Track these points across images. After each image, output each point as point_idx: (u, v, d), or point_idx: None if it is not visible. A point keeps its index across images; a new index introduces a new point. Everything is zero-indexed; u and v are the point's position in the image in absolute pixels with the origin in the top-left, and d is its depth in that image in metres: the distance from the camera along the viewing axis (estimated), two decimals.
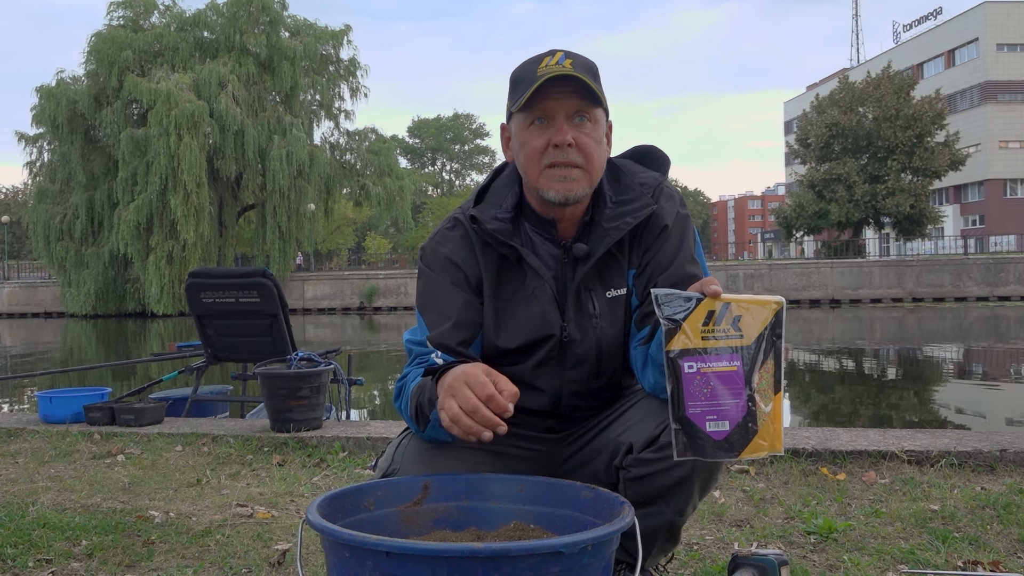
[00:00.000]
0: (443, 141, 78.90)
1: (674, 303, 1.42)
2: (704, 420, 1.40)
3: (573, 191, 1.62)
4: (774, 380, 1.41)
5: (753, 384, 1.40)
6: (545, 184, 1.63)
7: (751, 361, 1.40)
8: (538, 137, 1.62)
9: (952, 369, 13.49)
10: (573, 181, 1.62)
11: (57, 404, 4.57)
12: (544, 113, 1.61)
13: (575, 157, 1.61)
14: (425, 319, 1.70)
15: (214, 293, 5.40)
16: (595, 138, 1.63)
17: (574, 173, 1.62)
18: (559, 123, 1.60)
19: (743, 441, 1.40)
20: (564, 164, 1.61)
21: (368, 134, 38.93)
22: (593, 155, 1.63)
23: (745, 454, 1.40)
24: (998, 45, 52.85)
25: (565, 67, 1.59)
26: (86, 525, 2.55)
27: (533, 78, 1.60)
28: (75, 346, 21.74)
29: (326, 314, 33.41)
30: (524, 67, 1.65)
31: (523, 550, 1.11)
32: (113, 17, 35.08)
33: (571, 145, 1.60)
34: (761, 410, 1.40)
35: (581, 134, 1.61)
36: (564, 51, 1.63)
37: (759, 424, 1.40)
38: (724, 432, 1.40)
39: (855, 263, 32.85)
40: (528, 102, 1.60)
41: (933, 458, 3.06)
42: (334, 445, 3.78)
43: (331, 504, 1.36)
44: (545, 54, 1.63)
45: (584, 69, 1.61)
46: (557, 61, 1.60)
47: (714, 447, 1.40)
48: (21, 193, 61.85)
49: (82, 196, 33.48)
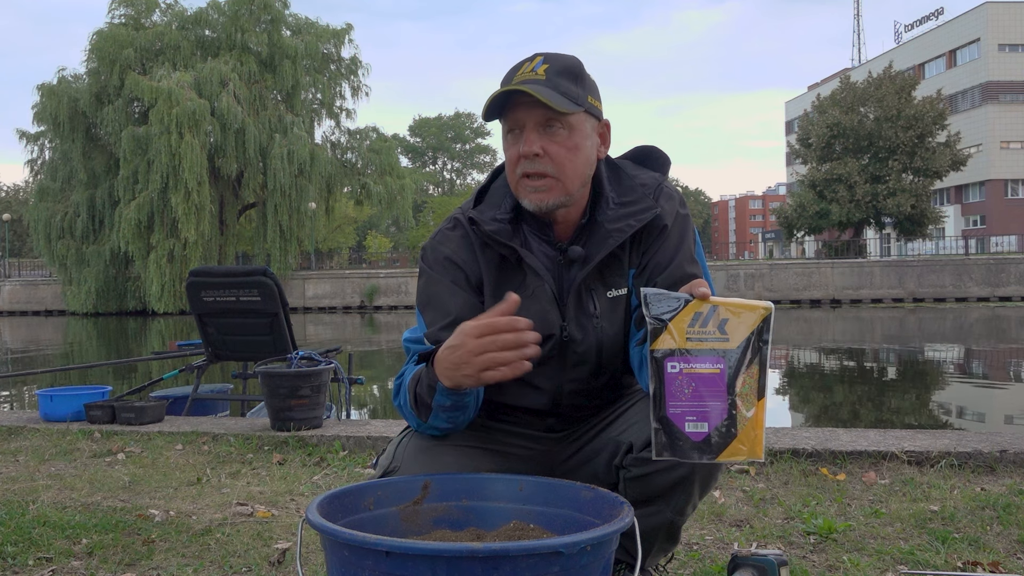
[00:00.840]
0: (444, 140, 78.89)
1: (662, 303, 1.42)
2: (684, 420, 1.40)
3: (545, 201, 1.62)
4: (758, 385, 1.41)
5: (736, 388, 1.39)
6: (521, 193, 1.64)
7: (735, 365, 1.39)
8: (512, 147, 1.63)
9: (952, 369, 13.49)
10: (545, 191, 1.61)
11: (58, 402, 4.57)
12: (516, 124, 1.61)
13: (544, 167, 1.60)
14: (425, 317, 1.70)
15: (215, 292, 5.41)
16: (568, 145, 1.61)
17: (546, 183, 1.61)
18: (527, 134, 1.60)
19: (722, 444, 1.40)
20: (534, 175, 1.61)
21: (369, 133, 38.91)
22: (565, 163, 1.61)
23: (723, 457, 1.40)
24: (1000, 45, 52.80)
25: (538, 74, 1.58)
26: (86, 523, 2.55)
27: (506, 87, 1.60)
28: (76, 344, 21.74)
29: (327, 313, 33.43)
30: (507, 74, 1.64)
31: (523, 550, 1.11)
32: (115, 15, 35.14)
33: (539, 155, 1.59)
34: (742, 414, 1.40)
35: (552, 143, 1.60)
36: (544, 55, 1.62)
37: (739, 428, 1.39)
38: (703, 433, 1.40)
39: (856, 263, 32.85)
40: (501, 112, 1.61)
41: (933, 459, 3.06)
42: (334, 444, 3.78)
43: (331, 503, 1.36)
44: (526, 59, 1.63)
45: (559, 73, 1.60)
46: (534, 68, 1.60)
47: (692, 447, 1.41)
48: (22, 191, 61.93)
49: (83, 194, 33.52)
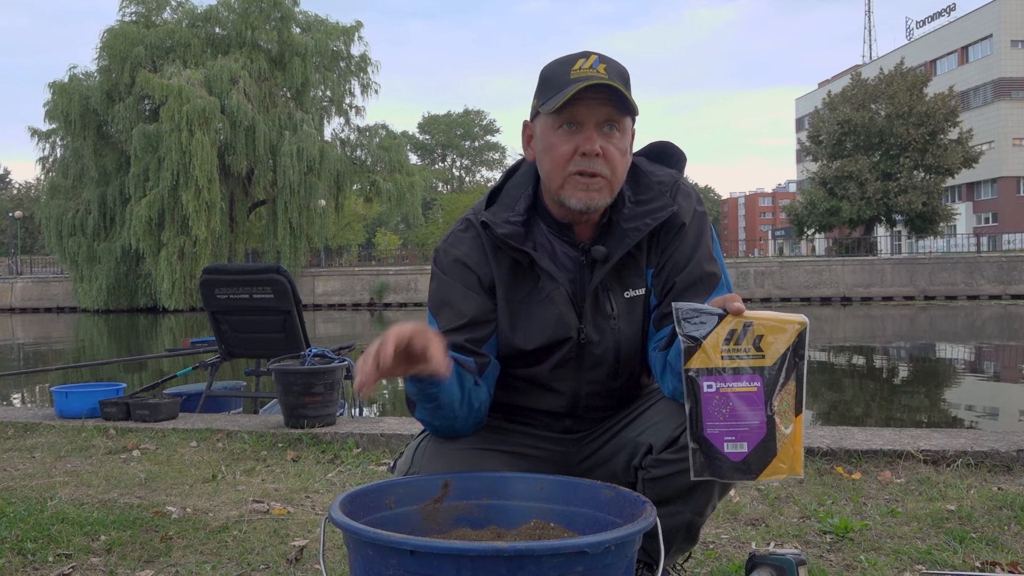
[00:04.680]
0: (453, 137, 78.83)
1: (695, 320, 1.40)
2: (722, 441, 1.39)
3: (595, 201, 1.60)
4: (795, 402, 1.39)
5: (773, 405, 1.38)
6: (569, 191, 1.60)
7: (772, 382, 1.38)
8: (566, 143, 1.58)
9: (965, 367, 13.42)
10: (596, 191, 1.59)
11: (73, 399, 4.60)
12: (574, 119, 1.57)
13: (601, 167, 1.58)
14: (438, 321, 1.69)
15: (228, 289, 5.42)
16: (621, 148, 1.60)
17: (598, 183, 1.59)
18: (588, 131, 1.57)
19: (762, 463, 1.39)
20: (590, 174, 1.57)
21: (379, 130, 38.90)
22: (618, 166, 1.60)
23: (763, 476, 1.39)
24: (1012, 42, 52.41)
25: (599, 72, 1.55)
26: (104, 520, 2.57)
27: (567, 81, 1.56)
28: (87, 341, 21.84)
29: (336, 310, 33.49)
30: (555, 67, 1.60)
31: (547, 549, 1.11)
32: (125, 13, 35.18)
33: (598, 155, 1.56)
34: (781, 432, 1.38)
35: (609, 144, 1.57)
36: (598, 54, 1.59)
37: (779, 446, 1.38)
38: (743, 454, 1.39)
39: (867, 261, 32.69)
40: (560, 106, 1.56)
41: (949, 458, 3.05)
42: (348, 441, 3.79)
43: (353, 502, 1.36)
44: (579, 55, 1.59)
45: (618, 76, 1.58)
46: (591, 65, 1.56)
47: (732, 468, 1.40)
48: (34, 188, 62.24)
49: (94, 191, 33.63)
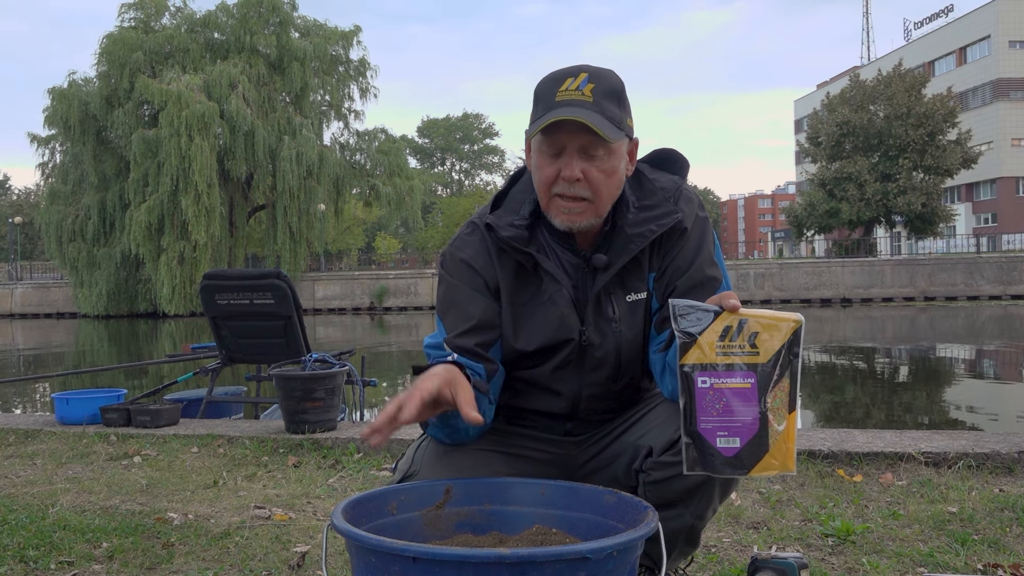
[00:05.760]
0: (452, 141, 78.85)
1: (691, 316, 1.41)
2: (715, 435, 1.40)
3: (577, 222, 1.62)
4: (789, 399, 1.40)
5: (767, 402, 1.39)
6: (553, 212, 1.64)
7: (766, 379, 1.39)
8: (549, 166, 1.61)
9: (965, 368, 13.42)
10: (578, 214, 1.62)
11: (74, 405, 4.60)
12: (555, 145, 1.59)
13: (581, 191, 1.59)
14: (444, 323, 1.70)
15: (229, 295, 5.42)
16: (607, 169, 1.60)
17: (580, 206, 1.61)
18: (569, 156, 1.58)
19: (754, 458, 1.40)
20: (571, 197, 1.60)
21: (378, 134, 38.92)
22: (602, 188, 1.60)
23: (755, 471, 1.41)
24: (1010, 42, 52.43)
25: (585, 95, 1.56)
26: (106, 527, 2.57)
27: (551, 104, 1.57)
28: (88, 347, 21.84)
29: (336, 314, 33.49)
30: (545, 85, 1.61)
31: (550, 555, 1.11)
32: (124, 19, 35.17)
33: (579, 180, 1.58)
34: (774, 428, 1.39)
35: (591, 167, 1.58)
36: (589, 72, 1.59)
37: (771, 442, 1.39)
38: (735, 448, 1.40)
39: (866, 262, 32.71)
40: (542, 130, 1.57)
41: (950, 460, 3.05)
42: (349, 446, 3.79)
43: (355, 508, 1.36)
44: (568, 73, 1.59)
45: (605, 95, 1.58)
46: (578, 86, 1.57)
47: (724, 463, 1.41)
48: (34, 194, 62.18)
49: (94, 197, 33.62)
